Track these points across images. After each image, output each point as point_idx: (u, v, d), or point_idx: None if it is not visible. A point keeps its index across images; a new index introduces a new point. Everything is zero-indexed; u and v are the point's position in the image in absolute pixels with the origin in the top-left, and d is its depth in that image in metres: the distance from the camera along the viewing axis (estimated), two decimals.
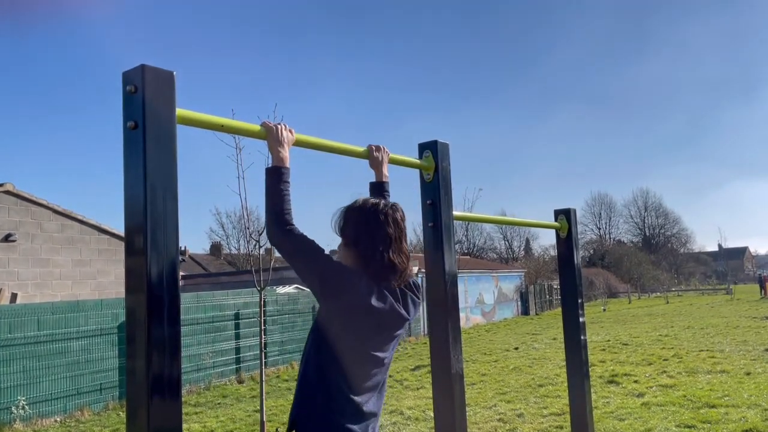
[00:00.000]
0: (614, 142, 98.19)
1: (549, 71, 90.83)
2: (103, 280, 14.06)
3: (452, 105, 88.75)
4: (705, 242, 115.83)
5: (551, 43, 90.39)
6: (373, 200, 2.12)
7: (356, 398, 2.00)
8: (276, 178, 2.01)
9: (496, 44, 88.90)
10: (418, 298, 2.19)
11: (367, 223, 2.05)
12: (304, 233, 2.00)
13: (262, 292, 7.62)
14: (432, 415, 3.17)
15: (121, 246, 14.32)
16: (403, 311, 2.07)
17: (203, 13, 68.11)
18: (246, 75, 74.22)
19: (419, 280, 2.29)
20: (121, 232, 14.23)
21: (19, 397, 8.70)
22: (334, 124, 69.71)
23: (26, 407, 8.70)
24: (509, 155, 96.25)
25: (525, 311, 31.09)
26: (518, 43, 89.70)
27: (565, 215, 4.15)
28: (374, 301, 1.98)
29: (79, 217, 13.78)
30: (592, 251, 62.69)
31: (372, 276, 2.02)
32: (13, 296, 11.80)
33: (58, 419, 9.09)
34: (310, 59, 77.38)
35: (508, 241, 63.14)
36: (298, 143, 2.19)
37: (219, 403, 9.78)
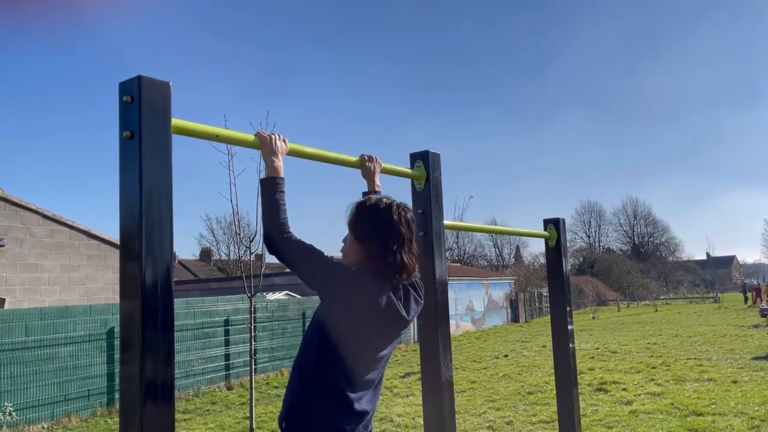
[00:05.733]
0: (612, 150, 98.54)
1: (553, 79, 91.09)
2: (92, 285, 13.99)
3: (451, 112, 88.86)
4: (693, 251, 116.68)
5: (557, 50, 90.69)
6: (387, 199, 2.15)
7: (352, 395, 2.03)
8: (272, 189, 2.05)
9: (500, 52, 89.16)
10: (421, 299, 2.21)
11: (382, 220, 2.08)
12: (302, 239, 2.04)
13: (252, 299, 7.63)
14: (422, 422, 3.20)
15: (110, 252, 14.26)
16: (404, 312, 2.09)
17: (197, 17, 68.06)
18: (239, 81, 74.11)
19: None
20: (111, 237, 14.22)
21: (5, 403, 8.63)
22: (328, 132, 69.67)
23: (13, 413, 8.63)
24: (505, 162, 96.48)
25: (515, 319, 31.16)
26: (523, 50, 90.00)
27: (554, 225, 4.20)
28: (380, 302, 2.00)
29: (69, 222, 13.71)
30: (581, 259, 62.92)
31: (378, 273, 2.04)
32: (1, 301, 11.71)
33: (45, 426, 9.02)
34: (306, 63, 77.38)
35: (498, 248, 63.32)
36: (291, 153, 2.22)
37: (208, 410, 9.75)
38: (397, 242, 2.06)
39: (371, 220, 2.09)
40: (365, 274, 2.02)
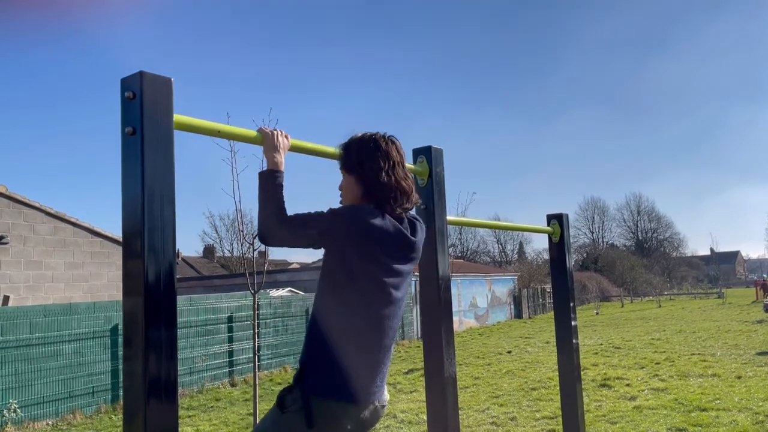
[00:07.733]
0: (616, 146, 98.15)
1: (557, 74, 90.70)
2: (95, 282, 14.02)
3: (455, 108, 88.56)
4: (697, 246, 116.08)
5: (562, 45, 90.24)
6: (371, 132, 2.19)
7: (369, 337, 2.02)
8: (271, 182, 2.03)
9: (504, 47, 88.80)
10: (424, 225, 2.26)
11: (370, 147, 2.13)
12: (294, 218, 2.00)
13: (256, 295, 7.63)
14: (425, 418, 3.20)
15: (114, 249, 14.29)
16: (408, 234, 2.11)
17: (200, 13, 68.01)
18: (241, 77, 74.09)
19: (413, 281, 2.31)
20: (114, 234, 14.24)
21: (10, 401, 8.66)
22: (331, 128, 69.53)
23: (18, 410, 8.66)
24: (508, 158, 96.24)
25: (518, 315, 31.15)
26: (528, 45, 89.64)
27: (558, 220, 4.19)
28: (378, 223, 2.01)
29: (72, 220, 13.74)
30: (585, 255, 62.88)
31: (374, 200, 2.07)
32: (5, 299, 11.75)
33: (50, 422, 9.05)
34: (309, 59, 77.27)
35: (501, 244, 63.36)
36: (293, 149, 2.21)
37: (212, 407, 9.77)
38: (388, 163, 2.11)
39: (359, 147, 2.14)
40: (361, 207, 2.06)
